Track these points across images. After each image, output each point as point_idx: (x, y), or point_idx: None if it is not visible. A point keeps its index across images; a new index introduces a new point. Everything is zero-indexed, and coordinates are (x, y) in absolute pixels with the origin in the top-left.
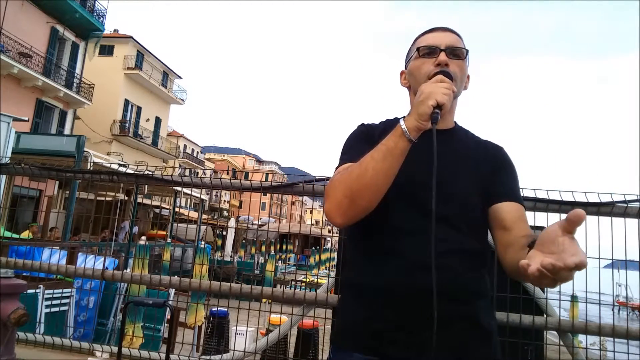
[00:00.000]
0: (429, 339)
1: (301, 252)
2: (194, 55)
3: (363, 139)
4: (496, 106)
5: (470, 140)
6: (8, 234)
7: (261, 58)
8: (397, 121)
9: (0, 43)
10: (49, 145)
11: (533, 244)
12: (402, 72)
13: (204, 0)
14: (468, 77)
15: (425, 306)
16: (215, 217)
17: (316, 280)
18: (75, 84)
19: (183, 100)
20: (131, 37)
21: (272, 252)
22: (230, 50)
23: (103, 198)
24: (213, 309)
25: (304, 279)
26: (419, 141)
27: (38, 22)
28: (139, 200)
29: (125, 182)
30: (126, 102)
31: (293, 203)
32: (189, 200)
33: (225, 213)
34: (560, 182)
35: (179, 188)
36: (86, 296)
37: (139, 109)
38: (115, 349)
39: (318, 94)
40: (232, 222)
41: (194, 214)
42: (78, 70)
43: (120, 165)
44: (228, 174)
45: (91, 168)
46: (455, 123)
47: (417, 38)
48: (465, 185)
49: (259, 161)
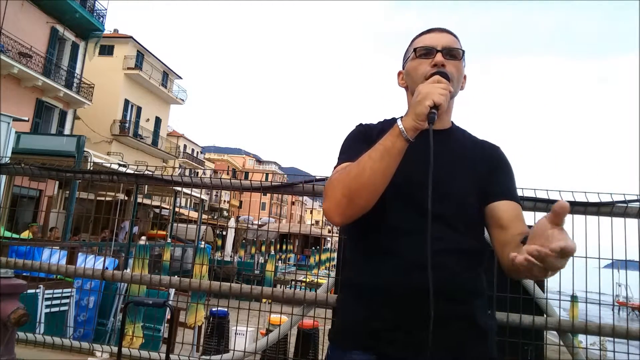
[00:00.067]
0: (427, 339)
1: (301, 252)
2: (194, 55)
3: (361, 139)
4: (496, 106)
5: (467, 140)
6: (8, 234)
7: (261, 58)
8: (395, 121)
9: (0, 43)
10: (49, 145)
11: (526, 240)
12: (400, 73)
13: (204, 0)
14: (464, 78)
15: (422, 306)
16: (215, 217)
17: (316, 280)
18: (75, 84)
19: (183, 100)
20: (131, 37)
21: (272, 252)
22: (230, 50)
23: (103, 198)
24: (213, 309)
25: (304, 279)
26: (416, 141)
27: (38, 22)
28: (139, 200)
29: (125, 182)
30: (126, 102)
31: (293, 203)
32: (189, 200)
33: (225, 213)
34: (560, 182)
35: (179, 188)
36: (86, 296)
37: (139, 109)
38: (115, 349)
39: (318, 94)
40: (232, 222)
41: (194, 214)
42: (78, 70)
43: (120, 165)
44: (228, 174)
45: (91, 168)
46: (452, 123)
47: (414, 39)
48: (462, 184)
49: (259, 161)
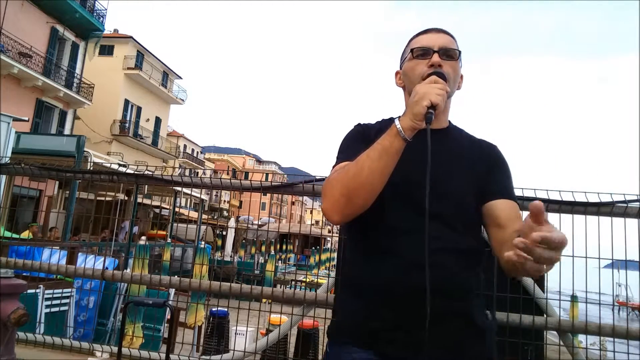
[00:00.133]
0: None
1: (301, 252)
2: (194, 55)
3: (359, 139)
4: (496, 106)
5: (464, 139)
6: (8, 234)
7: (261, 58)
8: (393, 121)
9: (0, 43)
10: (49, 145)
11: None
12: (397, 73)
13: (204, 0)
14: (461, 78)
15: (422, 305)
16: (215, 217)
17: (316, 280)
18: (75, 84)
19: (183, 100)
20: (131, 37)
21: (272, 252)
22: (230, 50)
23: (103, 198)
24: (213, 309)
25: (304, 279)
26: (414, 140)
27: (38, 22)
28: (139, 200)
29: (125, 182)
30: (126, 102)
31: (293, 203)
32: (189, 200)
33: (225, 213)
34: (560, 182)
35: (179, 188)
36: (86, 296)
37: (139, 109)
38: (115, 349)
39: (318, 94)
40: (232, 222)
41: (194, 214)
42: (78, 70)
43: (120, 165)
44: (228, 174)
45: (91, 168)
46: (449, 122)
47: (411, 39)
48: (460, 184)
49: (259, 161)
